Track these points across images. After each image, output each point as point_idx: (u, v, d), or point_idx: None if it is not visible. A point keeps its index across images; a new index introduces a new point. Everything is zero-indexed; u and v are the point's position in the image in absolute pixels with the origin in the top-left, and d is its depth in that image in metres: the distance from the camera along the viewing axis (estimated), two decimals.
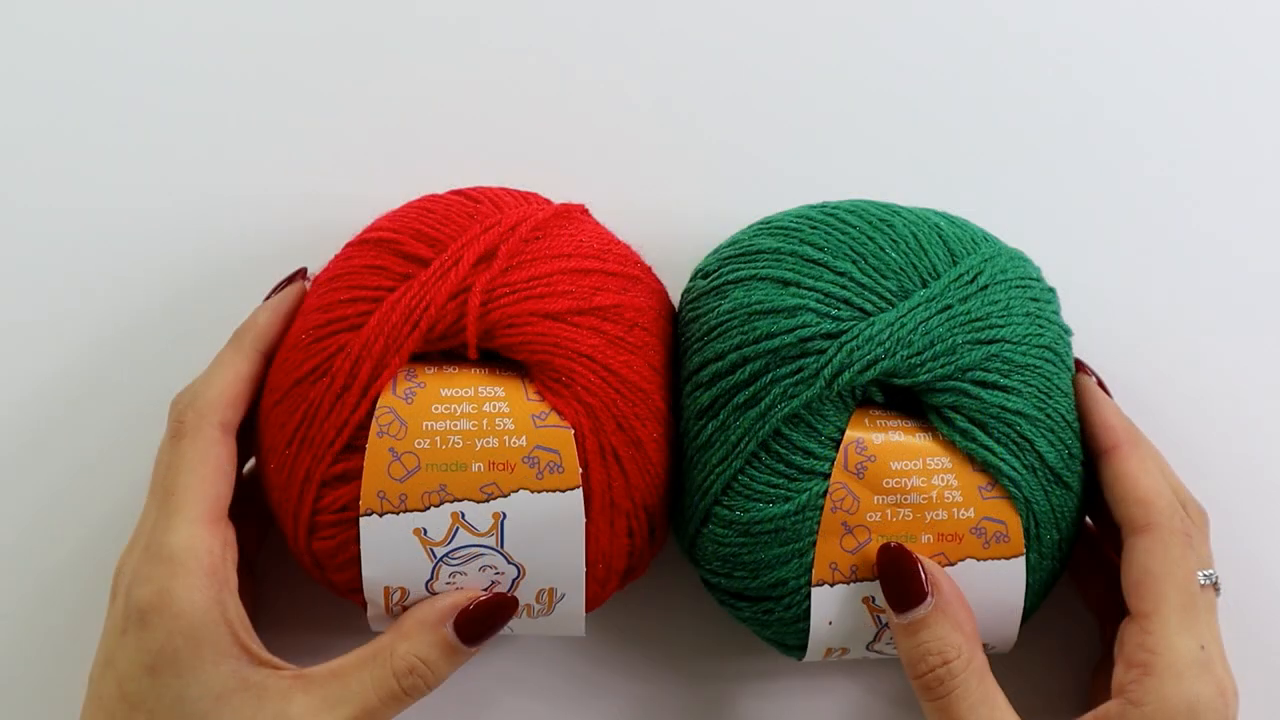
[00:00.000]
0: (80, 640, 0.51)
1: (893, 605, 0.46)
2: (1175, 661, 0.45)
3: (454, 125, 0.59)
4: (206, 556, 0.45)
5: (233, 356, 0.49)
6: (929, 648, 0.46)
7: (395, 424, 0.46)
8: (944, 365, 0.47)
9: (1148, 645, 0.46)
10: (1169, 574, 0.46)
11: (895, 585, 0.46)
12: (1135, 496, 0.47)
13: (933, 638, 0.46)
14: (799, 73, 0.60)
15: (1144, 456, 0.48)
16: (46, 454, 0.55)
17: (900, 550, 0.46)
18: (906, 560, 0.46)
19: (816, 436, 0.47)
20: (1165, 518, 0.47)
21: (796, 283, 0.48)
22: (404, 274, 0.47)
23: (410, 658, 0.45)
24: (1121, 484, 0.48)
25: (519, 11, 0.60)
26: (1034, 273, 0.51)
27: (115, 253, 0.57)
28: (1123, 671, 0.46)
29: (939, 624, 0.46)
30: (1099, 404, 0.50)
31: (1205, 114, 0.60)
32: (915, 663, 0.46)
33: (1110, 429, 0.49)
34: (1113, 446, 0.49)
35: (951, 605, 0.46)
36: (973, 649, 0.46)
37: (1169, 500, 0.47)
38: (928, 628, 0.46)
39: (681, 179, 0.59)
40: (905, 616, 0.46)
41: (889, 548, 0.47)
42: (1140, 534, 0.47)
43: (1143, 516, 0.47)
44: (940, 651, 0.46)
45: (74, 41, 0.58)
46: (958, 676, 0.45)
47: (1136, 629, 0.46)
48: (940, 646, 0.46)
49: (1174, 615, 0.46)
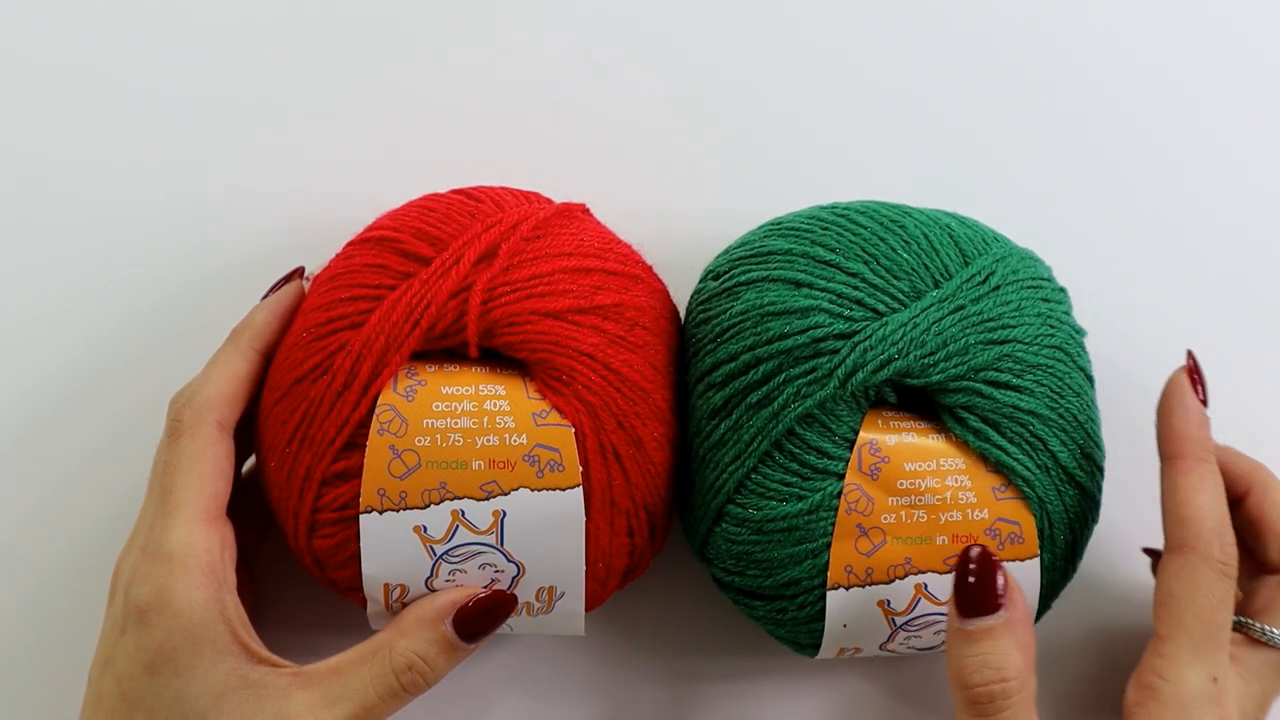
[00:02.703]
0: (79, 639, 0.52)
1: (961, 608, 0.44)
2: (1181, 692, 0.44)
3: (455, 124, 0.59)
4: (205, 555, 0.45)
5: (230, 355, 0.49)
6: (988, 660, 0.43)
7: (396, 422, 0.46)
8: (957, 365, 0.47)
9: (1158, 669, 0.45)
10: (1191, 600, 0.45)
11: (970, 589, 0.44)
12: (1180, 514, 0.46)
13: (995, 651, 0.43)
14: (805, 71, 0.60)
15: (1203, 474, 0.47)
16: (45, 453, 0.56)
17: (985, 555, 0.44)
18: (989, 566, 0.44)
19: (830, 437, 0.47)
20: (1203, 542, 0.45)
21: (809, 284, 0.48)
22: (405, 272, 0.47)
23: (409, 654, 0.45)
24: (1171, 498, 0.47)
25: (520, 11, 0.60)
26: (1045, 273, 0.51)
27: (114, 251, 0.57)
28: (1133, 691, 0.45)
29: (1004, 639, 0.43)
30: (1179, 407, 0.48)
31: (1218, 114, 0.60)
32: (968, 673, 0.43)
33: (1180, 438, 0.47)
34: (1176, 456, 0.47)
35: (1021, 625, 0.44)
36: (1029, 675, 0.43)
37: (1211, 526, 0.46)
38: (992, 640, 0.43)
39: (683, 179, 0.59)
40: (971, 623, 0.44)
41: (974, 550, 0.45)
42: (1174, 553, 0.46)
43: (1180, 536, 0.46)
44: (1000, 668, 0.43)
45: (74, 41, 0.59)
46: (1011, 698, 0.43)
47: (1153, 650, 0.45)
48: (1001, 663, 0.43)
49: (1189, 643, 0.45)
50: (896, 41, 0.60)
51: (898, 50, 0.60)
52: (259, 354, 0.49)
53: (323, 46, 0.59)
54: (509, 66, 0.59)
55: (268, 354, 0.50)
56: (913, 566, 0.46)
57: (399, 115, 0.59)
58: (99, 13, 0.59)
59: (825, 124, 0.59)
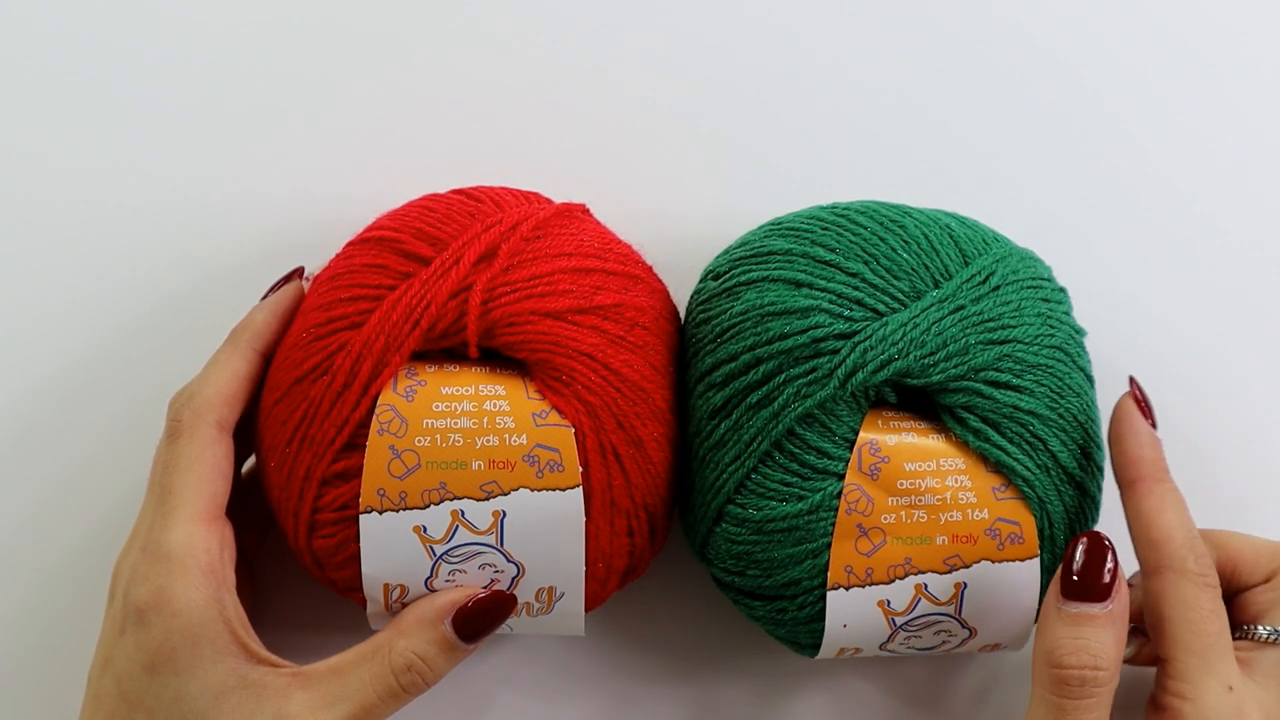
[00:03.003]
0: (79, 639, 0.52)
1: (1068, 590, 0.44)
2: (1202, 708, 0.44)
3: (455, 124, 0.59)
4: (204, 555, 0.45)
5: (230, 355, 0.49)
6: (1087, 646, 0.43)
7: (396, 422, 0.46)
8: (957, 365, 0.47)
9: (1173, 690, 0.45)
10: (1183, 619, 0.45)
11: (1083, 572, 0.44)
12: (1149, 537, 0.46)
13: (1096, 639, 0.43)
14: (805, 72, 0.60)
15: (1163, 494, 0.47)
16: (44, 453, 0.56)
17: (1100, 540, 0.45)
18: (1103, 553, 0.44)
19: (830, 437, 0.47)
20: (1177, 560, 0.45)
21: (809, 284, 0.48)
22: (405, 272, 0.47)
23: (408, 655, 0.45)
24: (1137, 522, 0.47)
25: (521, 10, 0.60)
26: (1045, 273, 0.50)
27: (113, 252, 0.57)
28: (1152, 716, 0.46)
29: (1107, 629, 0.44)
30: (1131, 433, 0.48)
31: (1215, 115, 0.60)
32: (1065, 654, 0.43)
33: (1134, 462, 0.47)
34: (1135, 480, 0.47)
35: (1123, 619, 0.44)
36: (1117, 672, 0.44)
37: (1181, 543, 0.46)
38: (1095, 627, 0.43)
39: (683, 179, 0.59)
40: (1075, 606, 0.44)
41: (1091, 535, 0.45)
42: (1153, 577, 0.46)
43: (1154, 559, 0.46)
44: (1097, 655, 0.43)
45: (74, 40, 0.59)
46: (1102, 688, 0.43)
47: (1162, 672, 0.46)
48: (1099, 650, 0.43)
49: (1194, 659, 0.44)
50: (896, 42, 0.60)
51: (898, 51, 0.60)
52: (259, 354, 0.49)
53: (323, 47, 0.59)
54: (509, 67, 0.59)
55: (267, 354, 0.50)
56: (913, 566, 0.46)
57: (399, 116, 0.59)
58: (99, 16, 0.59)
59: (825, 124, 0.59)
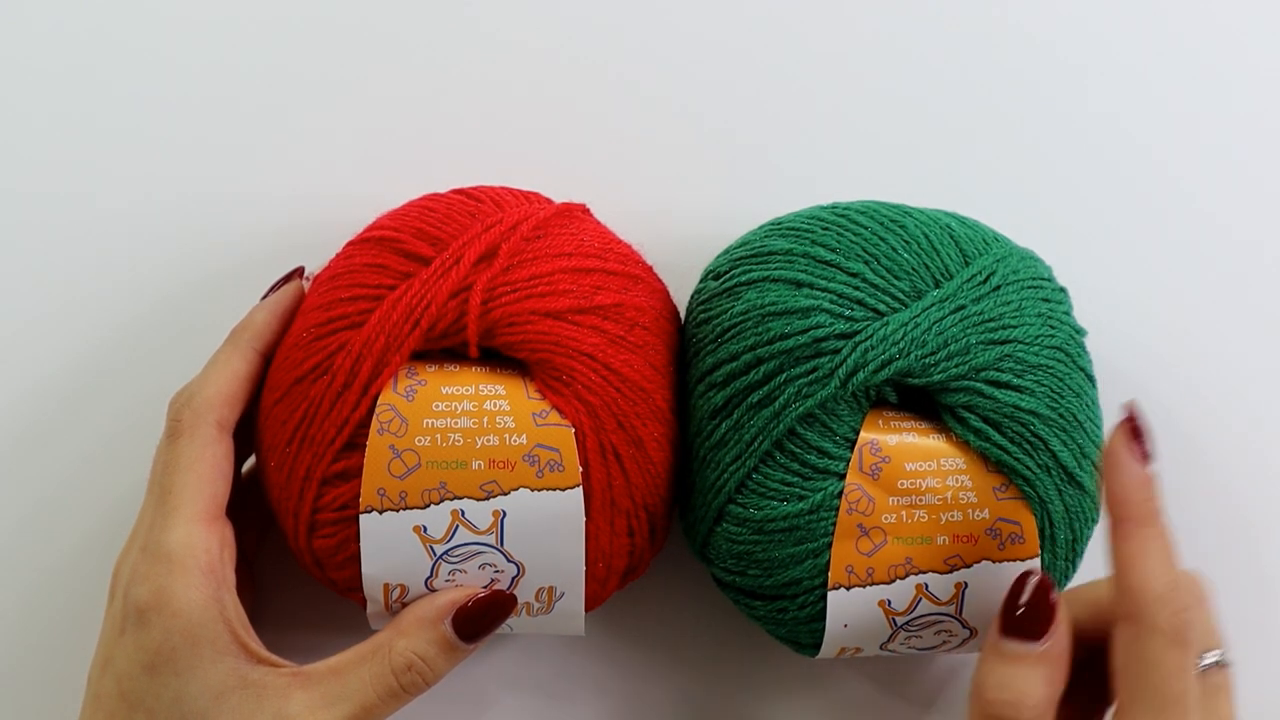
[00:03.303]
0: (79, 639, 0.52)
1: (1005, 626, 0.44)
2: None
3: (455, 124, 0.59)
4: (204, 555, 0.45)
5: (230, 355, 0.49)
6: (1012, 684, 0.43)
7: (396, 421, 0.46)
8: (958, 365, 0.47)
9: None
10: (1145, 676, 0.43)
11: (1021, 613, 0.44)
12: (1124, 583, 0.44)
13: (1022, 678, 0.43)
14: (805, 72, 0.60)
15: (1145, 539, 0.44)
16: (44, 453, 0.56)
17: (1044, 585, 0.44)
18: (1045, 597, 0.44)
19: (831, 436, 0.47)
20: (1149, 614, 0.43)
21: (809, 284, 0.48)
22: (405, 272, 0.47)
23: (408, 654, 0.45)
24: (1116, 565, 0.44)
25: (521, 10, 0.60)
26: (1045, 273, 0.50)
27: (113, 251, 0.57)
28: None
29: (1036, 669, 0.43)
30: (1115, 471, 0.45)
31: (1216, 114, 0.60)
32: (989, 689, 0.43)
33: (1117, 502, 0.45)
34: (1117, 521, 0.45)
35: (1057, 662, 0.44)
36: (1048, 712, 0.43)
37: (1159, 593, 0.43)
38: (1024, 666, 0.43)
39: (683, 179, 0.59)
40: (1009, 644, 0.44)
41: (1035, 576, 0.45)
42: (1122, 624, 0.44)
43: (1125, 606, 0.44)
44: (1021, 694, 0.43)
45: (74, 39, 0.59)
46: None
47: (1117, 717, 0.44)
48: (1024, 689, 0.43)
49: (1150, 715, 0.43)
50: (896, 42, 0.60)
51: (898, 50, 0.60)
52: (259, 354, 0.49)
53: (323, 47, 0.59)
54: (509, 67, 0.59)
55: (267, 354, 0.50)
56: (913, 566, 0.46)
57: (399, 115, 0.59)
58: (99, 16, 0.59)
59: (825, 124, 0.59)
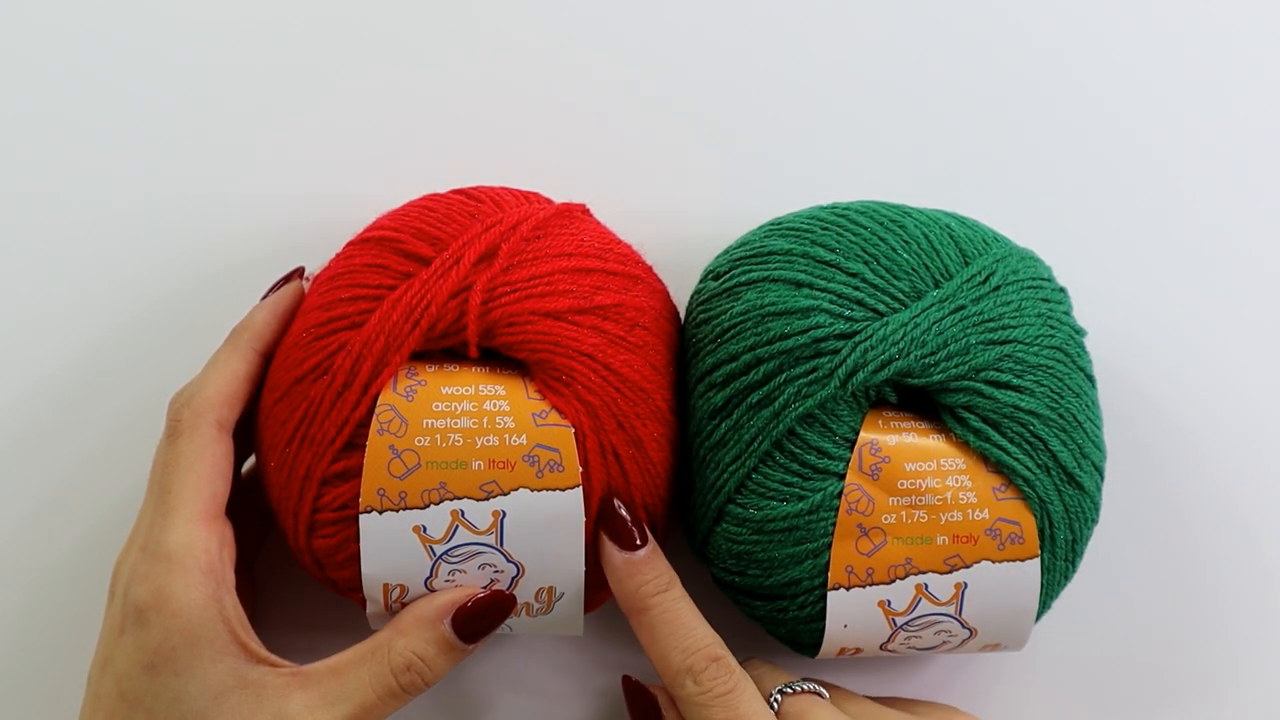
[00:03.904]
0: (79, 639, 0.52)
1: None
2: None
3: (455, 124, 0.59)
4: (204, 555, 0.45)
5: (229, 355, 0.49)
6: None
7: (396, 421, 0.46)
8: (958, 365, 0.47)
9: None
10: None
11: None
12: (654, 666, 0.47)
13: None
14: (805, 72, 0.60)
15: (644, 625, 0.47)
16: (44, 453, 0.56)
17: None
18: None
19: (831, 437, 0.47)
20: (676, 688, 0.46)
21: (809, 284, 0.48)
22: (405, 272, 0.47)
23: (408, 654, 0.45)
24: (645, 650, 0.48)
25: (521, 10, 0.60)
26: (1045, 273, 0.50)
27: (114, 251, 0.57)
28: None
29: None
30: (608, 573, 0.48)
31: (1215, 114, 0.60)
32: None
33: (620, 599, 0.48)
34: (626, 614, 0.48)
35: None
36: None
37: (676, 669, 0.46)
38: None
39: (683, 180, 0.59)
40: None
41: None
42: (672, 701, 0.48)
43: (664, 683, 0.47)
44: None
45: (74, 39, 0.59)
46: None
47: None
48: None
49: None
50: (896, 42, 0.60)
51: (897, 51, 0.60)
52: (258, 354, 0.49)
53: (323, 47, 0.59)
54: (509, 67, 0.59)
55: (267, 354, 0.49)
56: (913, 567, 0.46)
57: (399, 116, 0.59)
58: (100, 16, 0.59)
59: (825, 124, 0.59)
